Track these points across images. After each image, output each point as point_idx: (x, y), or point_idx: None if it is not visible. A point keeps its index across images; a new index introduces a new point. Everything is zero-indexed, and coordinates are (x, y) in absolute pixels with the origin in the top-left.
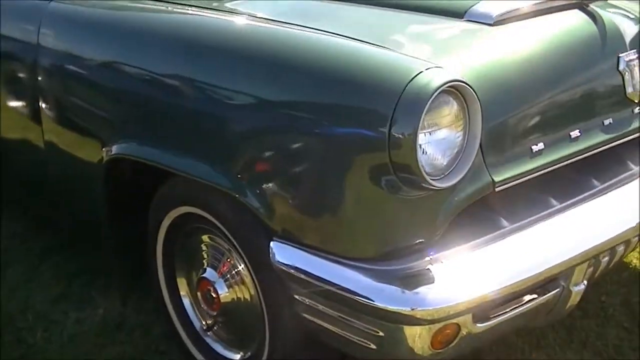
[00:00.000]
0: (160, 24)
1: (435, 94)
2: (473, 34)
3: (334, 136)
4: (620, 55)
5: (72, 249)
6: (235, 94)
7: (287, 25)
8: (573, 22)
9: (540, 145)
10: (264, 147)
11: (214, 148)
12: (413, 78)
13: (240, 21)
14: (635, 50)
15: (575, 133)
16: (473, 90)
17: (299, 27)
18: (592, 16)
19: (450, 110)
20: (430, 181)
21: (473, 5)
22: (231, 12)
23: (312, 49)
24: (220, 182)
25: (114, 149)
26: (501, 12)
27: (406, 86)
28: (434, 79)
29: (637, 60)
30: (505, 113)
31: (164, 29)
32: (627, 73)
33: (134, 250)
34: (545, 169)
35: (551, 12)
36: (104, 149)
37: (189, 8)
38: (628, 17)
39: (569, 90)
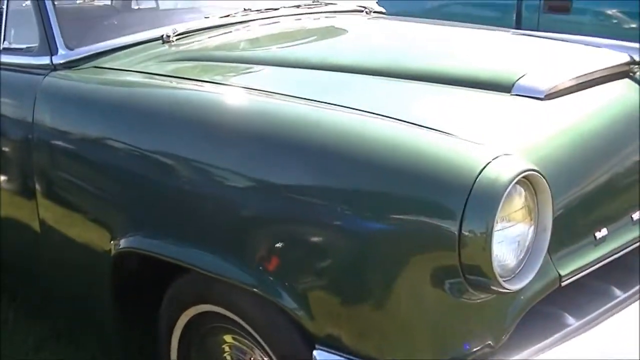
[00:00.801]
0: (169, 102)
1: (510, 186)
2: (527, 110)
3: (390, 231)
4: None
5: (69, 340)
6: (263, 180)
7: (321, 105)
8: (624, 93)
9: (604, 231)
10: (302, 240)
11: (240, 242)
12: (483, 169)
13: (264, 100)
14: None
15: (636, 215)
16: (545, 178)
17: (336, 107)
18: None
19: (521, 202)
20: (502, 283)
21: (520, 79)
22: (246, 87)
23: (362, 134)
24: (244, 279)
25: (121, 242)
26: (551, 85)
27: (476, 179)
28: (505, 169)
29: None
30: (568, 198)
31: (173, 107)
32: None
33: (142, 350)
34: (610, 256)
35: (600, 83)
36: (110, 240)
37: (201, 84)
38: None
39: (629, 168)
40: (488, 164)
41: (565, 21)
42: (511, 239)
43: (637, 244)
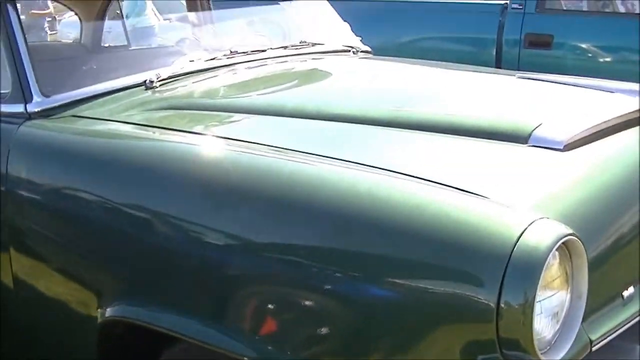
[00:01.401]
0: (154, 155)
1: (551, 254)
2: (549, 163)
3: (411, 302)
4: None
5: None
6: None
7: (323, 160)
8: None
9: (631, 290)
10: (311, 309)
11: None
12: (520, 236)
13: (256, 154)
14: None
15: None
16: (582, 243)
17: (342, 163)
18: None
19: (558, 269)
20: (541, 357)
21: (536, 129)
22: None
23: (377, 194)
24: (240, 350)
25: (107, 310)
26: (570, 136)
27: (514, 247)
28: (544, 234)
29: None
30: (595, 257)
31: (158, 161)
32: None
33: None
34: (639, 315)
35: (616, 131)
36: (94, 306)
37: (188, 136)
38: None
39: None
40: (525, 230)
41: (547, 56)
42: (550, 309)
43: None
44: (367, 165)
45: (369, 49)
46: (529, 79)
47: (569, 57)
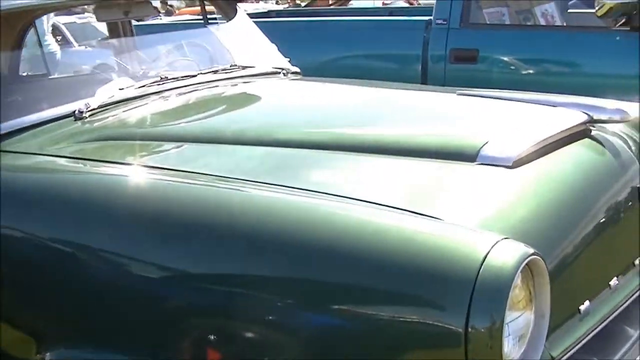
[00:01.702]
0: (85, 189)
1: (517, 275)
2: (499, 181)
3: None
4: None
5: None
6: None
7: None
8: (589, 155)
9: (586, 304)
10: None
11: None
12: (485, 258)
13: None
14: None
15: (614, 281)
16: (544, 261)
17: (284, 189)
18: (602, 145)
19: (523, 290)
20: None
21: (483, 147)
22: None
23: (340, 223)
24: None
25: (47, 355)
26: (518, 152)
27: (479, 270)
28: (509, 256)
29: None
30: (552, 273)
31: (89, 194)
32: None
33: None
34: (595, 328)
35: (562, 145)
36: (34, 353)
37: (120, 167)
38: (629, 140)
39: (602, 232)
40: (489, 252)
41: (473, 70)
42: (516, 330)
43: (618, 312)
44: (319, 192)
45: (298, 70)
46: (470, 95)
47: (495, 70)
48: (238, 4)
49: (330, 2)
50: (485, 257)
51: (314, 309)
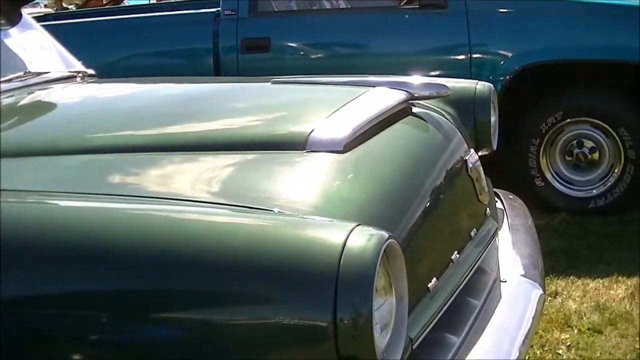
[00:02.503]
0: None
1: (379, 261)
2: (334, 167)
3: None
4: (466, 157)
5: None
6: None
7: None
8: (416, 132)
9: (434, 281)
10: None
11: None
12: (343, 249)
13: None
14: (471, 150)
15: (455, 256)
16: (399, 244)
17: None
18: (425, 121)
19: (383, 275)
20: None
21: (311, 133)
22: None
23: (186, 228)
24: None
25: None
26: (347, 135)
27: (340, 262)
28: (367, 243)
29: (478, 160)
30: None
31: None
32: (475, 175)
33: None
34: (446, 304)
35: (387, 126)
36: None
37: None
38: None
39: (438, 208)
40: (346, 241)
41: (266, 59)
42: (383, 317)
43: (462, 286)
44: (149, 197)
45: (93, 72)
46: (285, 82)
47: (288, 58)
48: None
49: (105, 2)
50: (344, 246)
51: (153, 323)
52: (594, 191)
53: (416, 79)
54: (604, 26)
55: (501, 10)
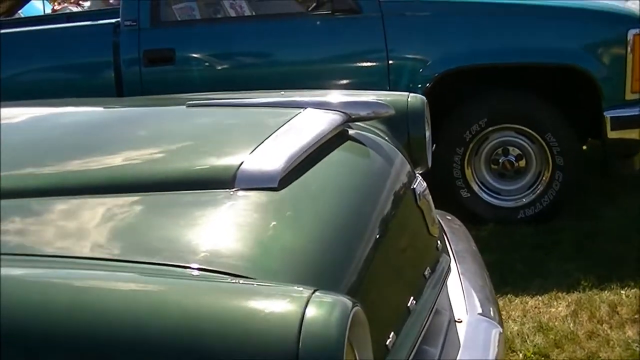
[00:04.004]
0: None
1: (346, 337)
2: (268, 208)
3: None
4: (414, 186)
5: None
6: None
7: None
8: (358, 160)
9: (392, 337)
10: None
11: None
12: (301, 327)
13: None
14: (418, 176)
15: (411, 303)
16: (362, 310)
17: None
18: (367, 147)
19: (348, 351)
20: None
21: (240, 168)
22: None
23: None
24: None
25: None
26: (280, 168)
27: (299, 342)
28: (329, 315)
29: (426, 187)
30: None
31: None
32: (424, 205)
33: None
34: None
35: (324, 153)
36: None
37: None
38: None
39: (390, 249)
40: (304, 316)
41: (171, 71)
42: None
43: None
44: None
45: None
46: (203, 105)
47: (195, 69)
48: None
49: None
50: (301, 323)
51: None
52: (523, 200)
53: (349, 96)
54: (525, 27)
55: (418, 13)
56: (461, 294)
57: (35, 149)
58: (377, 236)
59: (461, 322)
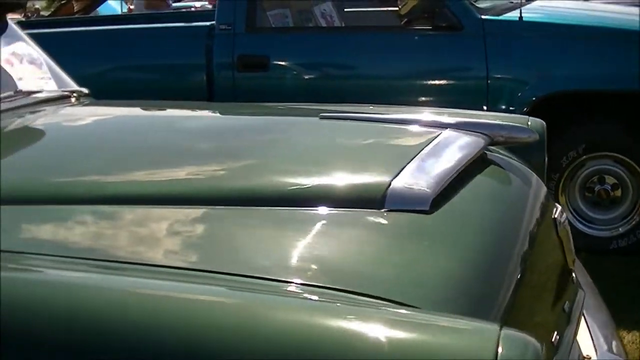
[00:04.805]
0: None
1: None
2: (424, 232)
3: None
4: (555, 215)
5: None
6: None
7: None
8: (502, 186)
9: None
10: None
11: None
12: None
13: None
14: (558, 206)
15: (555, 338)
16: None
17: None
18: (508, 171)
19: None
20: None
21: (389, 187)
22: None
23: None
24: None
25: None
26: (432, 190)
27: None
28: (524, 355)
29: (566, 217)
30: None
31: None
32: (564, 235)
33: None
34: None
35: (468, 177)
36: None
37: None
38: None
39: (533, 283)
40: (497, 354)
41: (264, 78)
42: None
43: None
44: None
45: (87, 91)
46: (335, 117)
47: (288, 77)
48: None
49: (75, 10)
50: None
51: None
52: (619, 230)
53: (489, 118)
54: (630, 54)
55: (520, 34)
56: (586, 328)
57: (168, 154)
58: (522, 267)
59: (590, 359)
